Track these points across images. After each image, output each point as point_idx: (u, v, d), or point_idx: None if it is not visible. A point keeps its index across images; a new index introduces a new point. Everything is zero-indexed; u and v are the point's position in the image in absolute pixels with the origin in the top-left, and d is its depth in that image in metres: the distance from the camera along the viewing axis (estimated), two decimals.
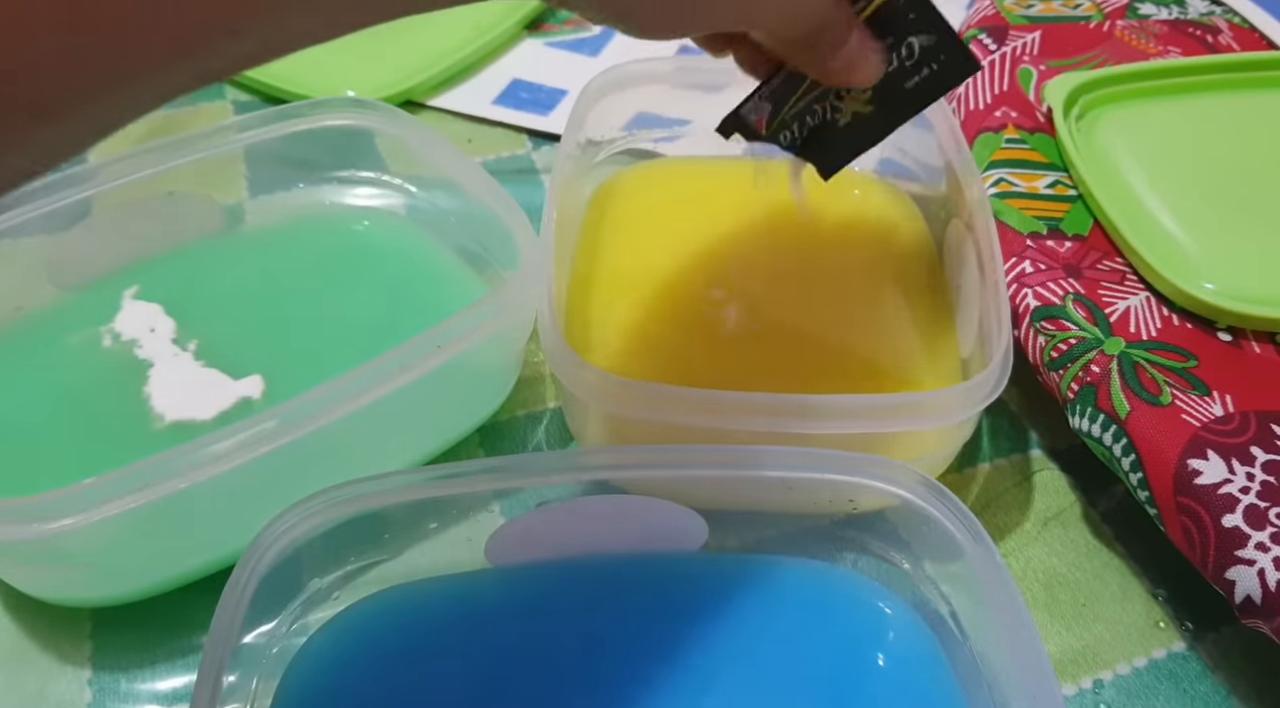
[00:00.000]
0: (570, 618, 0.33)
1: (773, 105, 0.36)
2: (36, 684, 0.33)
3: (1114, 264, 0.41)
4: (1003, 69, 0.49)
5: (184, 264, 0.44)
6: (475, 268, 0.44)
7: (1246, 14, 0.54)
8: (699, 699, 0.31)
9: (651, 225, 0.45)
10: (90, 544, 0.32)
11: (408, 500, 0.31)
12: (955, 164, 0.43)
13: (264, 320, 0.42)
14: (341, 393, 0.32)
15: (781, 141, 0.37)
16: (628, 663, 0.32)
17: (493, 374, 0.40)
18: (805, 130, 0.36)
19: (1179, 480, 0.34)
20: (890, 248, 0.46)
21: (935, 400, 0.34)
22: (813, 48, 0.31)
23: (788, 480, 0.33)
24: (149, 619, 0.35)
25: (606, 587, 0.34)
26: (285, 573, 0.30)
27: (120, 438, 0.38)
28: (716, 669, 0.32)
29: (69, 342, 0.41)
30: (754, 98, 0.36)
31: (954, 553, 0.31)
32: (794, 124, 0.36)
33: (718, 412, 0.34)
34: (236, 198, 0.47)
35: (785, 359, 0.41)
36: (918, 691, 0.32)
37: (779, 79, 0.35)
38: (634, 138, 0.49)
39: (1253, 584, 0.32)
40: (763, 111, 0.36)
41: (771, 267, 0.44)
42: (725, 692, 0.31)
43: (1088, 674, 0.35)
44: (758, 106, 0.36)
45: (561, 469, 0.32)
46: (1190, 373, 0.37)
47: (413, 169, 0.47)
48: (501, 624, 0.33)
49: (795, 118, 0.36)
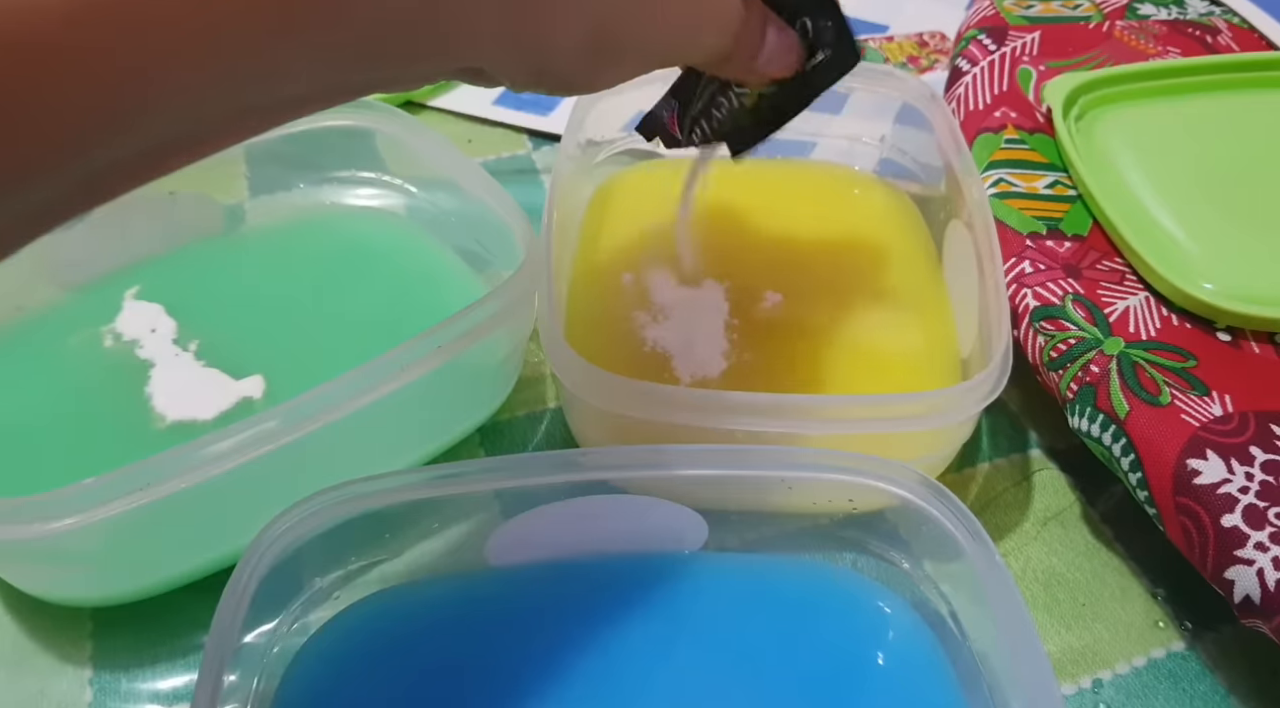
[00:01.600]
0: (570, 618, 0.33)
1: (678, 101, 0.36)
2: (37, 684, 0.34)
3: (1113, 264, 0.41)
4: (1002, 69, 0.49)
5: (185, 264, 0.44)
6: (475, 268, 0.44)
7: (1246, 14, 0.54)
8: (699, 699, 0.31)
9: (651, 225, 0.45)
10: (91, 544, 0.32)
11: (408, 500, 0.31)
12: (955, 164, 0.43)
13: (265, 320, 0.42)
14: (342, 393, 0.32)
15: (695, 141, 0.37)
16: (628, 663, 0.32)
17: (493, 374, 0.40)
18: (714, 122, 0.36)
19: (1178, 480, 0.34)
20: (890, 248, 0.46)
21: (935, 400, 0.34)
22: (731, 58, 0.31)
23: (788, 480, 0.33)
24: (149, 619, 0.35)
25: (606, 587, 0.34)
26: (285, 573, 0.30)
27: (121, 438, 0.38)
28: (716, 669, 0.32)
29: (70, 342, 0.41)
30: (665, 95, 0.36)
31: (954, 553, 0.31)
32: (702, 121, 0.36)
33: (718, 412, 0.34)
34: (237, 198, 0.47)
35: (785, 359, 0.41)
36: (917, 690, 0.32)
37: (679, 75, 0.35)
38: (634, 138, 0.49)
39: (1252, 584, 0.32)
40: (671, 107, 0.36)
41: (772, 267, 0.44)
42: (725, 692, 0.31)
43: (1087, 674, 0.35)
44: (667, 103, 0.37)
45: (561, 469, 0.32)
46: (1189, 373, 0.37)
47: (413, 169, 0.47)
48: (501, 625, 0.33)
49: (702, 113, 0.35)
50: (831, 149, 0.50)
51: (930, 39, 0.62)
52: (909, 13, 0.64)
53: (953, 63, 0.52)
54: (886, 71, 0.47)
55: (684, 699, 0.31)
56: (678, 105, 0.36)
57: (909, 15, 0.64)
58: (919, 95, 0.46)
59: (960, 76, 0.50)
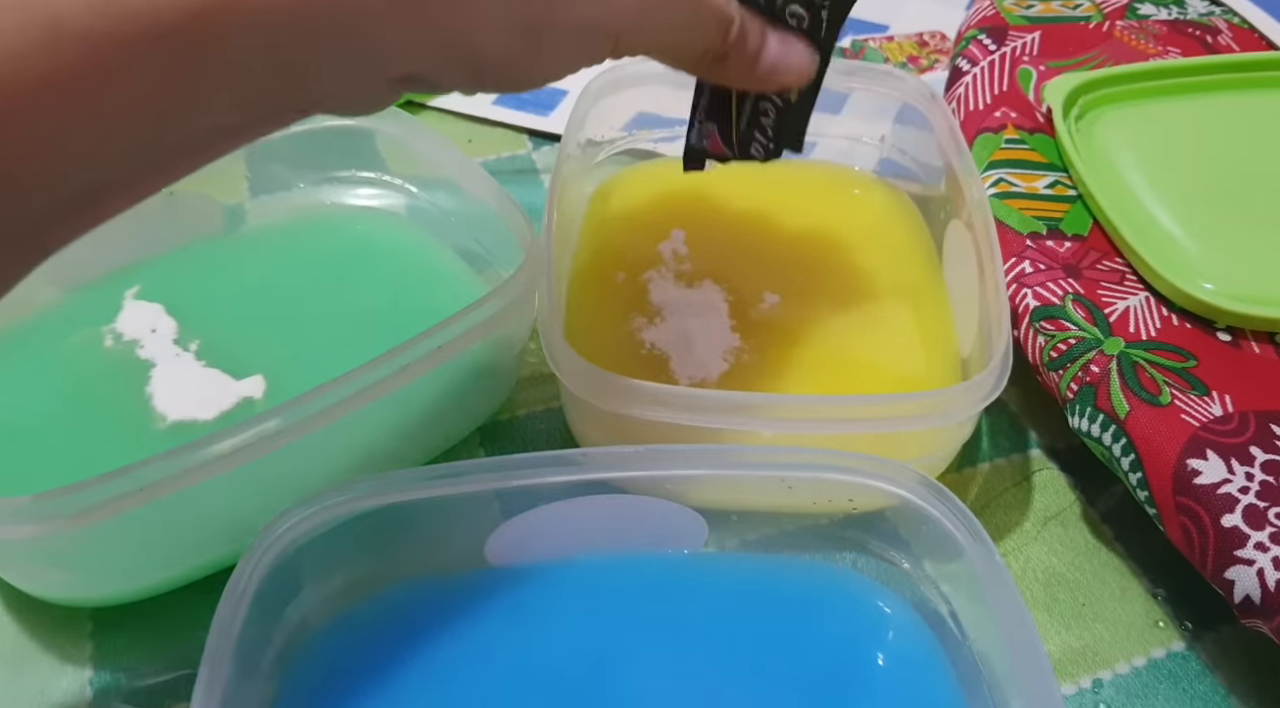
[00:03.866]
0: (570, 618, 0.33)
1: (716, 123, 0.35)
2: (37, 684, 0.34)
3: (1113, 264, 0.41)
4: (1002, 69, 0.49)
5: (185, 264, 0.44)
6: (475, 268, 0.44)
7: (1246, 14, 0.54)
8: (699, 699, 0.31)
9: (651, 225, 0.45)
10: (91, 544, 0.32)
11: (408, 500, 0.31)
12: (955, 164, 0.43)
13: (265, 320, 0.42)
14: (342, 393, 0.32)
15: (756, 155, 0.36)
16: (628, 663, 0.32)
17: (493, 374, 0.40)
18: (768, 132, 0.35)
19: (1178, 480, 0.34)
20: (890, 248, 0.46)
21: (935, 400, 0.34)
22: (726, 59, 0.30)
23: (788, 480, 0.33)
24: (149, 619, 0.35)
25: (606, 587, 0.34)
26: (285, 573, 0.30)
27: (122, 438, 0.38)
28: (716, 669, 0.32)
29: (70, 342, 0.41)
30: (695, 124, 0.35)
31: (954, 553, 0.31)
32: (755, 132, 0.35)
33: (717, 412, 0.34)
34: (237, 198, 0.47)
35: (785, 359, 0.41)
36: (917, 690, 0.32)
37: (705, 96, 0.34)
38: (634, 138, 0.49)
39: (1252, 584, 0.32)
40: (710, 131, 0.35)
41: (772, 267, 0.44)
42: (725, 692, 0.31)
43: (1087, 674, 0.35)
44: (703, 129, 0.35)
45: (561, 469, 0.32)
46: (1189, 373, 0.37)
47: (413, 169, 0.47)
48: (501, 624, 0.33)
49: (752, 124, 0.34)
50: (831, 149, 0.50)
51: (930, 39, 0.62)
52: (909, 13, 0.64)
53: (953, 63, 0.52)
54: (886, 71, 0.47)
55: (684, 699, 0.31)
56: (716, 128, 0.35)
57: (909, 15, 0.64)
58: (919, 95, 0.46)
59: (960, 76, 0.50)
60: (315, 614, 0.32)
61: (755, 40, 0.30)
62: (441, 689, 0.31)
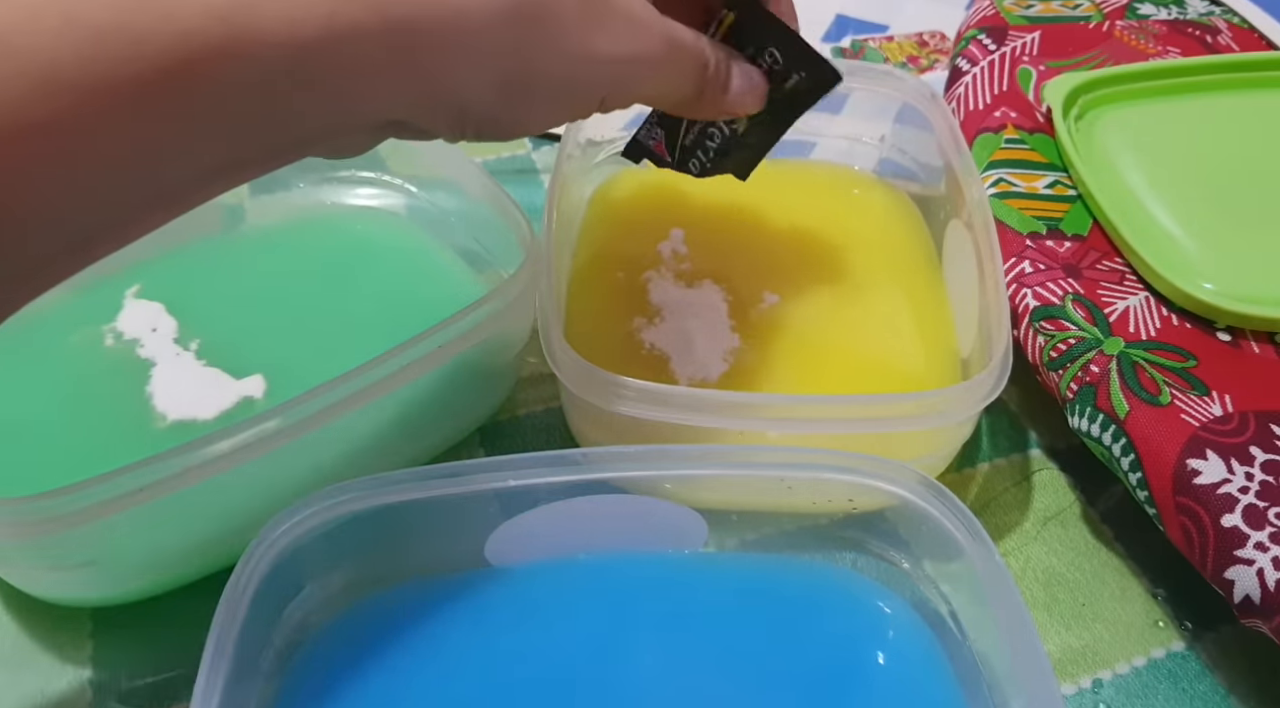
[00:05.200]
0: (570, 618, 0.33)
1: (665, 131, 0.36)
2: (37, 684, 0.34)
3: (1113, 264, 0.41)
4: (1002, 69, 0.49)
5: (185, 264, 0.44)
6: (475, 267, 0.44)
7: (1246, 14, 0.54)
8: (699, 699, 0.31)
9: (651, 225, 0.45)
10: (90, 544, 0.32)
11: (408, 500, 0.31)
12: (955, 164, 0.43)
13: (265, 320, 0.42)
14: (342, 393, 0.32)
15: (692, 170, 0.37)
16: (628, 663, 0.32)
17: (493, 374, 0.40)
18: (711, 153, 0.36)
19: (1178, 480, 0.34)
20: (890, 248, 0.46)
21: (935, 400, 0.34)
22: (700, 101, 0.31)
23: (788, 480, 0.33)
24: (149, 619, 0.35)
25: (606, 587, 0.34)
26: (285, 573, 0.30)
27: (122, 437, 0.38)
28: (716, 669, 0.32)
29: (71, 341, 0.41)
30: (647, 124, 0.37)
31: (953, 553, 0.31)
32: (697, 152, 0.36)
33: (717, 412, 0.34)
34: (237, 198, 0.47)
35: (785, 359, 0.41)
36: (917, 690, 0.32)
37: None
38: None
39: (1252, 584, 0.32)
40: (657, 137, 0.37)
41: (771, 267, 0.44)
42: (725, 691, 0.31)
43: (1087, 674, 0.35)
44: (652, 132, 0.37)
45: (561, 469, 0.32)
46: (1189, 373, 0.37)
47: (413, 169, 0.47)
48: (502, 624, 0.33)
49: (696, 145, 0.36)
50: (831, 149, 0.50)
51: (930, 39, 0.62)
52: (909, 13, 0.64)
53: (953, 63, 0.52)
54: (886, 71, 0.47)
55: (684, 699, 0.31)
56: (664, 134, 0.36)
57: (909, 15, 0.64)
58: (919, 95, 0.46)
59: (960, 76, 0.50)
60: (315, 614, 0.32)
61: (724, 74, 0.31)
62: (441, 689, 0.31)
